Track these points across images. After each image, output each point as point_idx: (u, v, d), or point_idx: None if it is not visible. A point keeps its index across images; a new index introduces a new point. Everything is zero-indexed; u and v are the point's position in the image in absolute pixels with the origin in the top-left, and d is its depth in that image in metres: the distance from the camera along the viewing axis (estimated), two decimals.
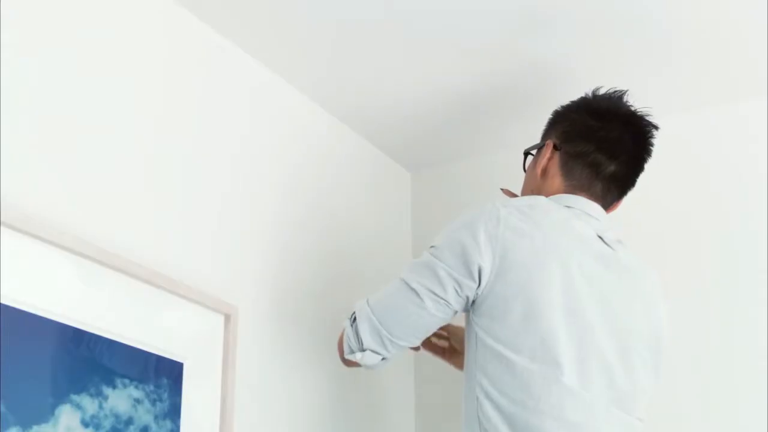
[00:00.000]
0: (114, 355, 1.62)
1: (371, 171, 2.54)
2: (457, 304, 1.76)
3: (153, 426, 1.67)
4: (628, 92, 1.94)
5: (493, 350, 1.72)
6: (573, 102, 1.98)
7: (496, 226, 1.74)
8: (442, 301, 1.76)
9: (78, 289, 1.59)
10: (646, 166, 1.94)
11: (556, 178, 1.90)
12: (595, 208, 1.86)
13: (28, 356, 1.47)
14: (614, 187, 1.90)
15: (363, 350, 1.81)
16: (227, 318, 1.87)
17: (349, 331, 1.83)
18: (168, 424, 1.69)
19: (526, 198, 1.84)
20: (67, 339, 1.55)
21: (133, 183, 1.77)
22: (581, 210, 1.84)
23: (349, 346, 1.83)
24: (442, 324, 1.84)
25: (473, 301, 1.76)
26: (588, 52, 2.14)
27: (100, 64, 1.75)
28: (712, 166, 2.32)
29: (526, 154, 2.02)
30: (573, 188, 1.88)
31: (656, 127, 1.93)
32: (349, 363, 1.87)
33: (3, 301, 1.44)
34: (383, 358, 1.83)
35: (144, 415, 1.65)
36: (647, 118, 1.93)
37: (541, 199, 1.82)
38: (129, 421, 1.62)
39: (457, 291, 1.75)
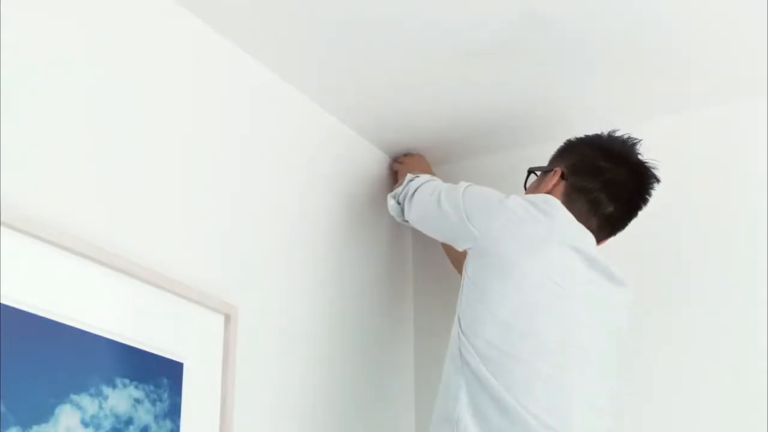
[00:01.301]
0: (114, 355, 1.62)
1: (373, 172, 2.53)
2: (447, 211, 2.03)
3: (153, 426, 1.66)
4: (642, 141, 2.05)
5: (477, 297, 1.90)
6: (587, 137, 2.10)
7: (510, 203, 1.94)
8: (439, 205, 2.06)
9: (78, 289, 1.59)
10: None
11: None
12: (589, 236, 1.97)
13: (28, 356, 1.47)
14: (607, 226, 2.03)
15: (398, 203, 2.22)
16: (227, 318, 1.87)
17: (403, 184, 2.22)
18: (168, 424, 1.69)
19: (543, 195, 1.99)
20: (67, 339, 1.55)
21: (133, 183, 1.77)
22: None
23: (396, 192, 2.24)
24: (449, 229, 2.06)
25: (468, 252, 1.98)
26: (588, 54, 2.13)
27: (100, 64, 1.75)
28: (712, 166, 2.32)
29: (530, 172, 2.10)
30: None
31: (658, 180, 2.06)
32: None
33: (3, 301, 1.44)
34: (401, 216, 2.23)
35: (144, 415, 1.65)
36: (653, 170, 2.05)
37: (555, 198, 1.96)
38: (129, 421, 1.62)
39: (451, 214, 2.02)
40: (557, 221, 1.91)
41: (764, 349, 2.13)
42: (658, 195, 2.08)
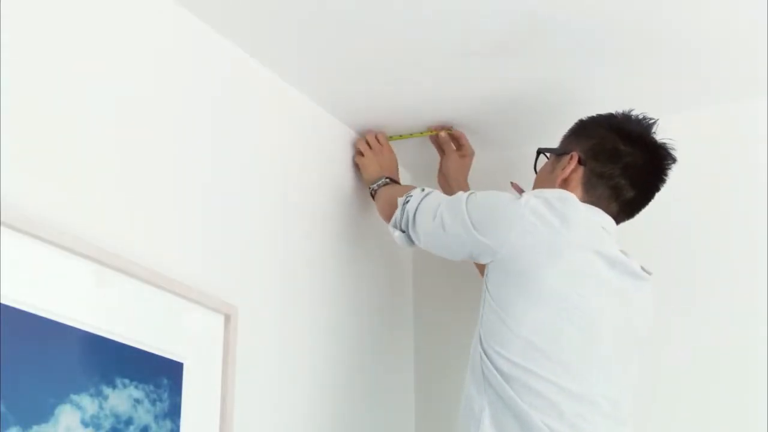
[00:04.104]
0: (114, 355, 1.62)
1: None
2: (456, 231, 1.92)
3: (153, 426, 1.66)
4: (658, 122, 2.00)
5: (498, 315, 1.82)
6: (601, 117, 2.03)
7: (523, 208, 1.83)
8: (444, 228, 1.94)
9: (78, 289, 1.58)
10: None
11: (576, 191, 1.96)
12: (609, 222, 1.94)
13: (28, 356, 1.47)
14: (627, 210, 2.00)
15: (402, 230, 2.05)
16: (227, 318, 1.87)
17: (399, 210, 2.07)
18: (168, 424, 1.69)
19: (558, 191, 1.91)
20: (67, 339, 1.54)
21: (133, 183, 1.77)
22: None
23: (395, 220, 2.08)
24: (464, 249, 1.94)
25: (488, 265, 1.88)
26: (589, 54, 2.13)
27: (99, 64, 1.75)
28: (713, 167, 2.32)
29: (541, 152, 2.05)
30: (591, 203, 1.94)
31: (675, 160, 2.01)
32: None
33: (3, 301, 1.44)
34: (411, 244, 2.07)
35: (144, 415, 1.65)
36: (670, 150, 2.00)
37: (571, 195, 1.88)
38: (129, 421, 1.62)
39: (461, 233, 1.91)
40: (574, 227, 1.82)
41: (764, 349, 2.13)
42: (657, 195, 2.08)
